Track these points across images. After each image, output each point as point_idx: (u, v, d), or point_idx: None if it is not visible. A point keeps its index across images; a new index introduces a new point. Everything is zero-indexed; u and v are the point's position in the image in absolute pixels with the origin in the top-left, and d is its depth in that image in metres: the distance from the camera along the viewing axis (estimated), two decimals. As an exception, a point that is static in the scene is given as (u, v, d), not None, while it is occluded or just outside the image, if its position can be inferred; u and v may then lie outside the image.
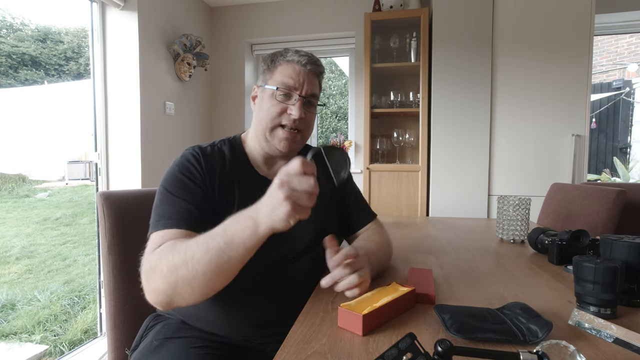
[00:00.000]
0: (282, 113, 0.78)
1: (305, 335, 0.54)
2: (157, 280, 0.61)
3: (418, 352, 0.40)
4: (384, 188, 2.48)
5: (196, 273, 0.58)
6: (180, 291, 0.60)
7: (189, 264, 0.58)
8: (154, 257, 0.63)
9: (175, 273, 0.59)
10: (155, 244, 0.66)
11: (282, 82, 0.78)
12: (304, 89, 0.79)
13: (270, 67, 0.82)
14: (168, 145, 2.48)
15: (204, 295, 0.61)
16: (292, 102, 0.79)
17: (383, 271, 0.85)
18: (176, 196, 0.71)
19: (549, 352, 0.41)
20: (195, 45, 2.56)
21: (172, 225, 0.68)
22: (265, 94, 0.81)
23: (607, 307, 0.59)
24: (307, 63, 0.79)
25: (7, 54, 5.92)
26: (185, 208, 0.70)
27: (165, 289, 0.60)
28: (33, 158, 4.79)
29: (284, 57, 0.81)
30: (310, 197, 0.53)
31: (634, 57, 6.06)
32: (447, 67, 2.33)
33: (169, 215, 0.69)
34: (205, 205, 0.73)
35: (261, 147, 0.83)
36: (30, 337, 2.29)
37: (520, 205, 1.15)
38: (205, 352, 0.70)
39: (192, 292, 0.60)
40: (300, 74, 0.79)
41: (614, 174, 5.34)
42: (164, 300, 0.62)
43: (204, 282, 0.59)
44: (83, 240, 4.28)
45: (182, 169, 0.75)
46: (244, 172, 0.82)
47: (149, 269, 0.63)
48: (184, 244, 0.61)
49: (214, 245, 0.57)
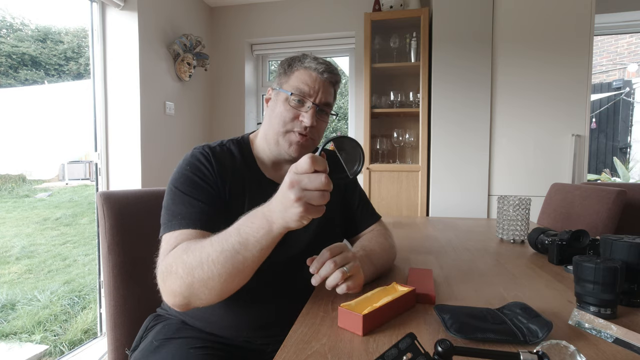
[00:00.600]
0: (294, 119, 0.78)
1: (305, 335, 0.54)
2: (174, 282, 0.61)
3: (418, 352, 0.40)
4: (384, 188, 2.48)
5: (212, 274, 0.58)
6: (196, 292, 0.60)
7: (204, 265, 0.58)
8: (169, 259, 0.63)
9: (191, 274, 0.59)
10: (170, 245, 0.66)
11: (297, 88, 0.78)
12: (318, 97, 0.78)
13: (287, 71, 0.81)
14: (168, 145, 2.48)
15: (221, 295, 0.61)
16: (305, 109, 0.78)
17: (386, 272, 0.85)
18: (189, 195, 0.71)
19: (549, 352, 0.41)
20: (195, 45, 2.56)
21: (186, 225, 0.68)
22: (279, 98, 0.80)
23: (607, 307, 0.59)
24: (325, 71, 0.79)
25: (7, 54, 5.92)
26: (198, 208, 0.70)
27: (182, 291, 0.60)
28: (33, 158, 4.78)
29: (301, 63, 0.80)
30: (322, 196, 0.52)
31: (634, 57, 6.06)
32: (447, 67, 2.33)
33: (182, 215, 0.69)
34: (217, 204, 0.73)
35: (270, 150, 0.82)
36: (30, 337, 2.29)
37: (520, 205, 1.15)
38: (205, 352, 0.70)
39: (208, 293, 0.60)
40: (316, 82, 0.78)
41: (614, 174, 5.34)
42: (182, 302, 0.62)
43: (219, 283, 0.59)
44: (83, 240, 4.28)
45: (193, 169, 0.74)
46: (252, 174, 0.81)
47: (165, 271, 0.63)
48: (198, 245, 0.61)
49: (229, 246, 0.57)
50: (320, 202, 0.52)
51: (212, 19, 3.09)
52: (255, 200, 0.77)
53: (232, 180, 0.77)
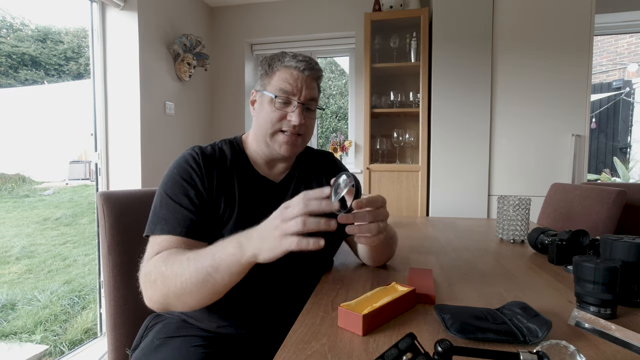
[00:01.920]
0: (281, 119, 0.79)
1: (305, 335, 0.54)
2: (152, 290, 0.65)
3: (418, 352, 0.40)
4: (384, 188, 2.47)
5: (184, 290, 0.61)
6: (172, 302, 0.64)
7: (178, 281, 0.61)
8: (149, 267, 0.66)
9: (166, 287, 0.62)
10: (153, 251, 0.69)
11: (281, 89, 0.78)
12: (302, 95, 0.79)
13: (268, 72, 0.81)
14: (168, 145, 2.48)
15: (194, 307, 0.65)
16: (291, 108, 0.78)
17: (387, 259, 0.88)
18: (175, 201, 0.72)
19: (549, 352, 0.41)
20: (195, 45, 2.56)
21: (169, 231, 0.70)
22: (264, 100, 0.81)
23: (607, 307, 0.59)
24: (305, 69, 0.79)
25: (7, 54, 5.92)
26: (183, 215, 0.71)
27: (158, 299, 0.64)
28: (33, 158, 4.79)
29: (281, 62, 0.80)
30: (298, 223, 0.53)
31: (634, 57, 6.06)
32: (447, 67, 2.32)
33: (166, 220, 0.71)
34: (204, 208, 0.73)
35: (262, 151, 0.83)
36: (31, 337, 2.29)
37: (520, 205, 1.15)
38: (206, 350, 0.70)
39: (182, 306, 0.64)
40: (298, 80, 0.78)
41: (614, 174, 5.34)
42: (159, 307, 0.66)
43: (191, 299, 0.62)
44: (83, 240, 4.28)
45: (181, 172, 0.75)
46: (245, 172, 0.82)
47: (145, 278, 0.66)
48: (177, 259, 0.63)
49: (202, 267, 0.60)
50: (297, 229, 0.53)
51: (212, 19, 3.09)
52: (248, 198, 0.78)
53: (221, 179, 0.77)
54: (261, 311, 0.78)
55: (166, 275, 0.62)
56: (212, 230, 0.74)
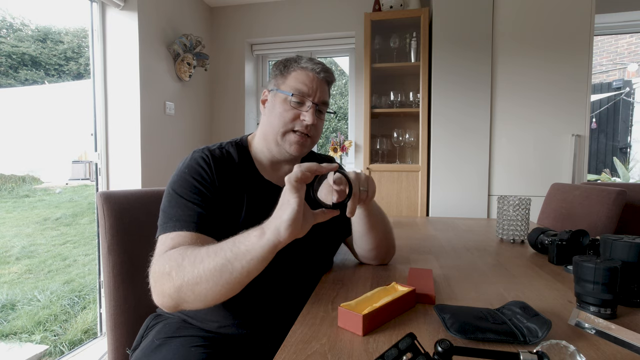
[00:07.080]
0: (294, 119, 0.80)
1: (305, 335, 0.54)
2: (165, 283, 0.61)
3: (418, 352, 0.40)
4: (384, 188, 2.48)
5: (200, 279, 0.59)
6: (184, 295, 0.61)
7: (195, 269, 0.59)
8: (163, 260, 0.64)
9: (181, 276, 0.60)
10: (166, 246, 0.67)
11: (296, 89, 0.80)
12: (316, 96, 0.81)
13: (284, 73, 0.83)
14: (168, 145, 2.48)
15: (206, 302, 0.61)
16: (305, 108, 0.80)
17: (386, 250, 0.89)
18: (186, 199, 0.72)
19: (549, 352, 0.41)
20: (195, 45, 2.56)
21: (181, 227, 0.68)
22: (277, 99, 0.82)
23: (607, 307, 0.59)
24: (321, 71, 0.82)
25: (7, 54, 5.92)
26: (195, 211, 0.70)
27: (170, 292, 0.61)
28: (33, 158, 4.79)
29: (298, 64, 0.82)
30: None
31: (634, 57, 6.06)
32: (447, 67, 2.33)
33: (177, 217, 0.70)
34: (215, 207, 0.73)
35: (269, 151, 0.83)
36: (30, 337, 2.29)
37: (520, 205, 1.15)
38: (206, 350, 0.70)
39: (195, 298, 0.61)
40: (313, 81, 0.81)
41: (614, 174, 5.34)
42: (170, 303, 0.63)
43: (206, 289, 0.59)
44: (83, 240, 4.28)
45: (192, 172, 0.75)
46: (250, 176, 0.82)
47: (158, 272, 0.63)
48: (195, 250, 0.62)
49: (222, 254, 0.58)
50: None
51: (212, 19, 3.09)
52: (254, 202, 0.78)
53: (230, 183, 0.77)
54: (261, 311, 0.78)
55: (182, 265, 0.60)
56: (222, 230, 0.73)
